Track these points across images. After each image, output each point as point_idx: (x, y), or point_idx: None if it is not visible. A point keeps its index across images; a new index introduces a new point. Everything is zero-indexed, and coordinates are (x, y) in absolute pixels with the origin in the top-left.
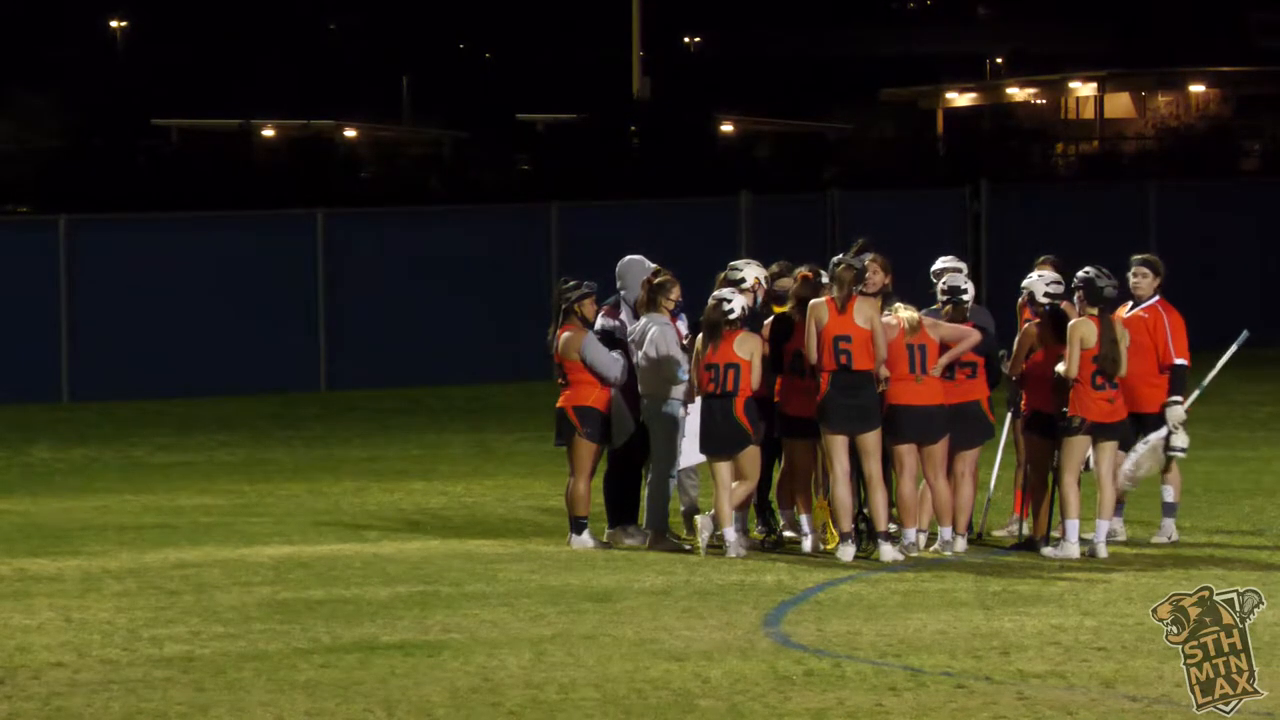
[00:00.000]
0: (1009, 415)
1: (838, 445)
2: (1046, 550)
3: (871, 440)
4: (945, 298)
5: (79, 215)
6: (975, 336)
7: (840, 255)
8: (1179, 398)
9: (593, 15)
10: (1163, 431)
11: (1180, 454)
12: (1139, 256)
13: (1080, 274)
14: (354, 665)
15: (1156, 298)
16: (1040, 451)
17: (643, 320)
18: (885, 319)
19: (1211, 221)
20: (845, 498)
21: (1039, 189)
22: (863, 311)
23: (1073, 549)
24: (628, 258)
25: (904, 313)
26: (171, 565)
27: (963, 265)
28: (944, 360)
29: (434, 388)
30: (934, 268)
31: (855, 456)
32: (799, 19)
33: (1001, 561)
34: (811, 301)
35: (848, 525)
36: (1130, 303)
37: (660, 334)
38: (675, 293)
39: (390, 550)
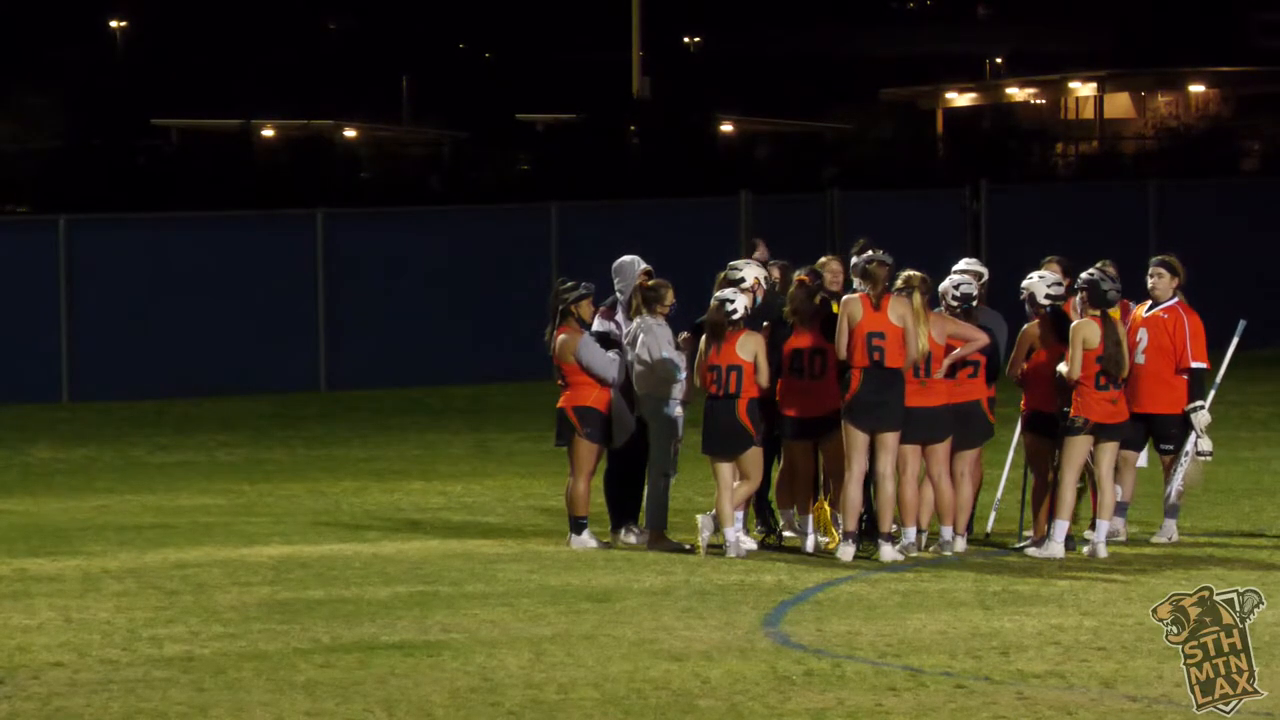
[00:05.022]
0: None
1: (859, 442)
2: (1030, 550)
3: (891, 438)
4: (956, 304)
5: (79, 215)
6: (983, 340)
7: (870, 253)
8: (1201, 402)
9: (593, 15)
10: (1191, 440)
11: (1207, 458)
12: (1157, 257)
13: (1084, 275)
14: (354, 665)
15: (1176, 299)
16: (1040, 451)
17: (635, 322)
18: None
19: (1211, 221)
20: (856, 496)
21: (1039, 189)
22: (896, 309)
23: (1057, 549)
24: (624, 258)
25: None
26: (171, 565)
27: (983, 270)
28: (948, 360)
29: (434, 388)
30: (956, 266)
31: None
32: (799, 19)
33: (1001, 561)
34: (845, 297)
35: (853, 524)
36: (1149, 302)
37: (650, 336)
38: (669, 297)
39: (390, 550)
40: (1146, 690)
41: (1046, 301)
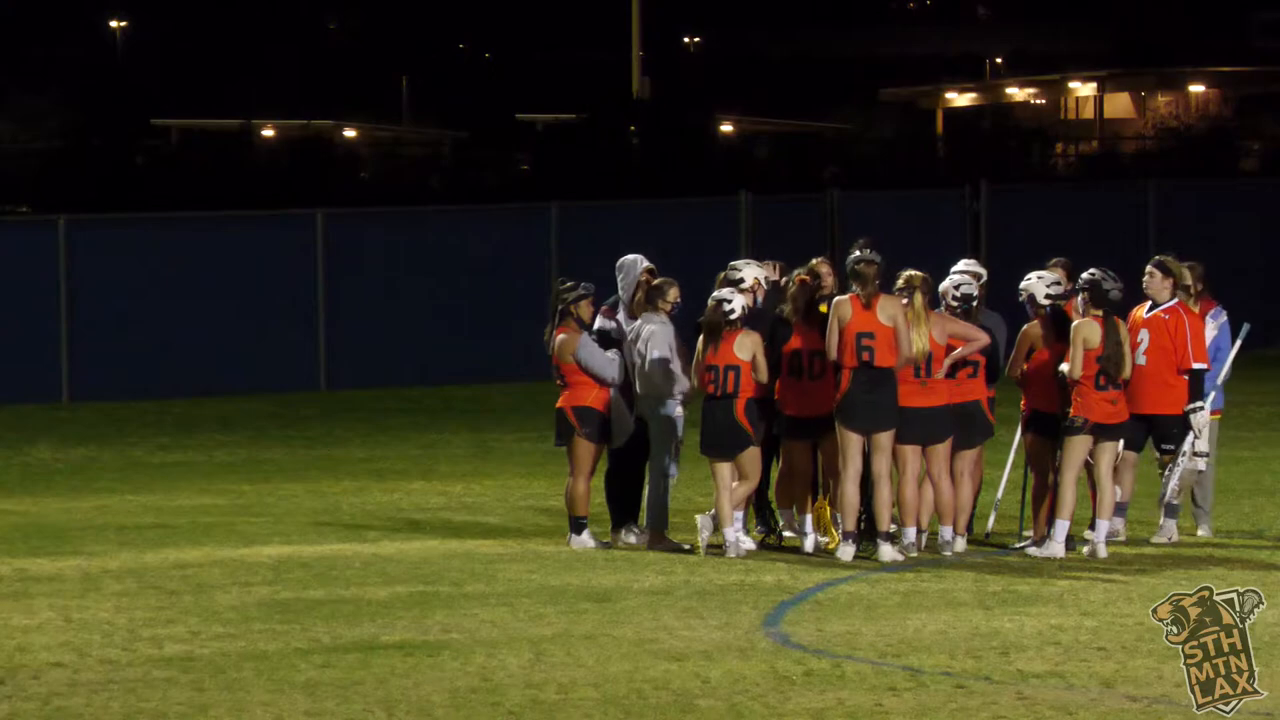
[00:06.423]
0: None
1: (853, 443)
2: (1030, 550)
3: (885, 438)
4: (957, 304)
5: (79, 215)
6: (984, 340)
7: (858, 253)
8: (1201, 403)
9: (593, 15)
10: (1188, 441)
11: (1205, 458)
12: (1155, 258)
13: (1085, 275)
14: (354, 665)
15: (1176, 300)
16: (1041, 451)
17: (639, 320)
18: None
19: (1211, 221)
20: (853, 496)
21: (1039, 189)
22: (886, 309)
23: (1058, 548)
24: (627, 256)
25: (918, 345)
26: (171, 565)
27: (982, 271)
28: (949, 360)
29: (434, 388)
30: (955, 267)
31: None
32: (799, 19)
33: (1001, 561)
34: (835, 299)
35: (852, 524)
36: (1149, 303)
37: (654, 335)
38: (673, 294)
39: (390, 550)
40: (1146, 690)
41: (1046, 301)
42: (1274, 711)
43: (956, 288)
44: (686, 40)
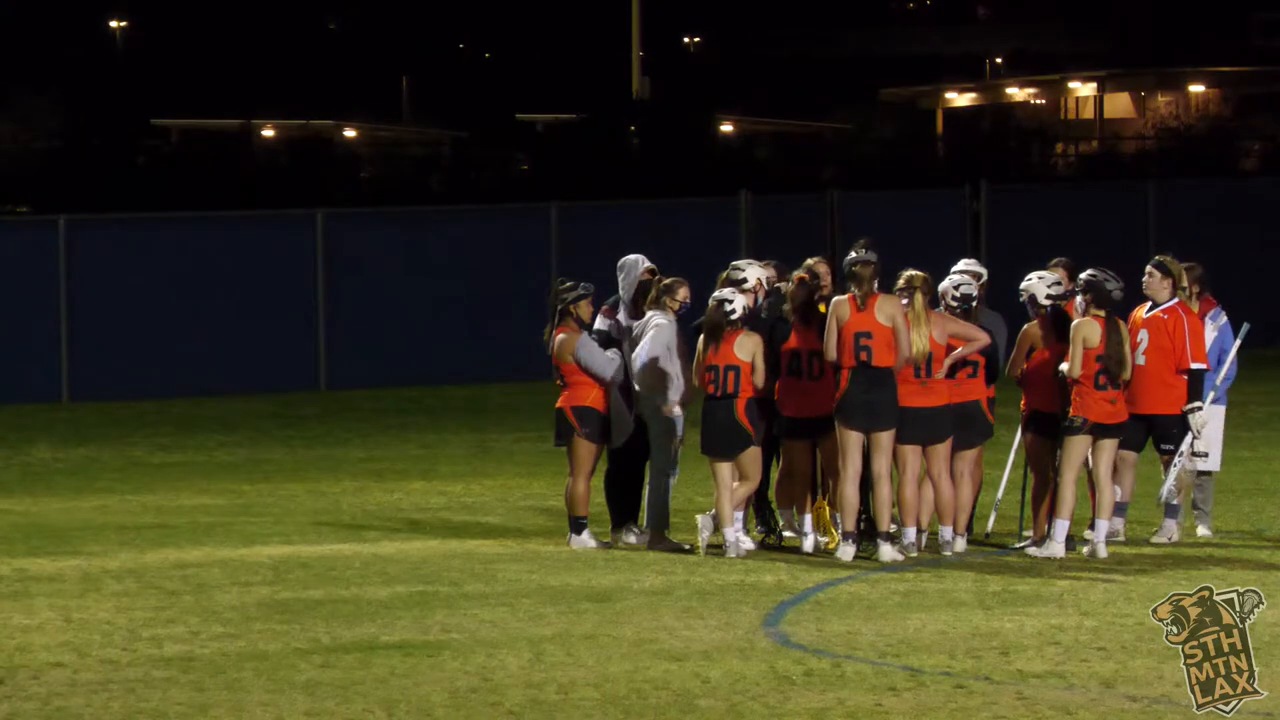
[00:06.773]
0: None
1: (852, 442)
2: (1030, 550)
3: (885, 437)
4: (956, 304)
5: (79, 215)
6: (984, 339)
7: (853, 254)
8: (1199, 403)
9: (593, 15)
10: (1187, 441)
11: (1203, 458)
12: (1155, 258)
13: (1086, 275)
14: (354, 665)
15: (1176, 300)
16: (1040, 451)
17: (647, 315)
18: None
19: (1211, 221)
20: (853, 496)
21: (1039, 189)
22: (884, 309)
23: (1058, 548)
24: (628, 256)
25: (918, 346)
26: (171, 565)
27: (982, 271)
28: (949, 360)
29: (434, 388)
30: (955, 267)
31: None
32: (799, 19)
33: (1001, 561)
34: (834, 299)
35: (852, 524)
36: (1149, 303)
37: (653, 332)
38: (682, 293)
39: (390, 550)
40: (1146, 690)
41: (1047, 302)
42: (1274, 711)
43: (956, 288)
44: (686, 40)
